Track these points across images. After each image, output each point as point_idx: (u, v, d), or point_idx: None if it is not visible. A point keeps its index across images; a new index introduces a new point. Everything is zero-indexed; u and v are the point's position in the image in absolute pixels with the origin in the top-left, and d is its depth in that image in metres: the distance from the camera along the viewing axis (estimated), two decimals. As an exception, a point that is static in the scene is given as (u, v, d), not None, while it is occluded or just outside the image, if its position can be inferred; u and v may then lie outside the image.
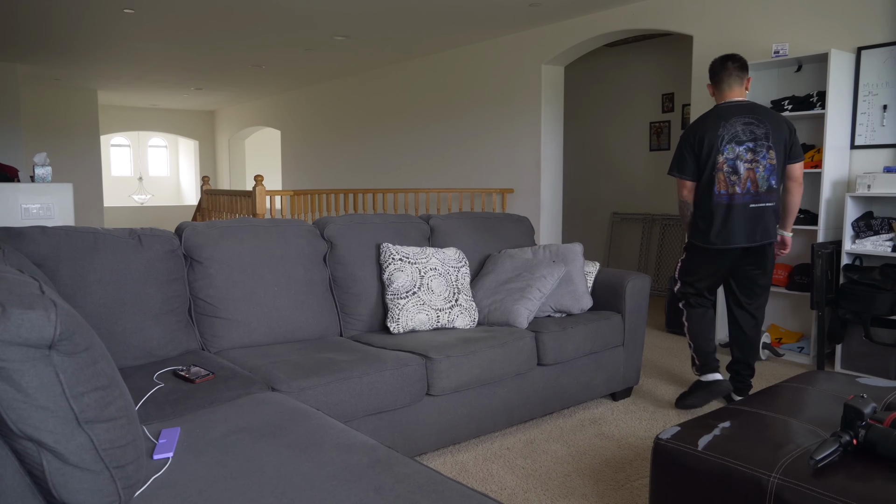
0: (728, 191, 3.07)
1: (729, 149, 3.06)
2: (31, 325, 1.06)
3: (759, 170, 3.05)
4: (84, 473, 1.14)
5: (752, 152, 3.05)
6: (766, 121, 3.07)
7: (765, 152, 3.05)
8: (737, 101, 3.14)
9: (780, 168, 3.08)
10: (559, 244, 3.39)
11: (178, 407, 1.94)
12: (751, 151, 3.05)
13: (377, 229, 3.11)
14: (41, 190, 3.78)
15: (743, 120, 3.08)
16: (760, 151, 3.05)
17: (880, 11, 3.90)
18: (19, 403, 1.07)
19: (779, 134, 3.06)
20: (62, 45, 7.01)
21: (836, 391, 2.12)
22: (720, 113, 3.12)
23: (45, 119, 9.89)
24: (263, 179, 5.69)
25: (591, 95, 7.33)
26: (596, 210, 7.36)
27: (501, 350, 2.72)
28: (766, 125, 3.06)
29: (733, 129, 3.07)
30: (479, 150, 6.96)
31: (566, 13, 5.63)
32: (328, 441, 1.59)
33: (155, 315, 2.40)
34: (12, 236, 2.22)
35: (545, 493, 2.37)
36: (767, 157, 3.04)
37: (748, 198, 3.06)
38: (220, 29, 6.26)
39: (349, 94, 9.02)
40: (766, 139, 3.05)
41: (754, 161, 3.05)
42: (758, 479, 1.60)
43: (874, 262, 3.80)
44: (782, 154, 3.08)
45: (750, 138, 3.06)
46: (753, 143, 3.05)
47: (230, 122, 12.62)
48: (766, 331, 4.35)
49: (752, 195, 3.06)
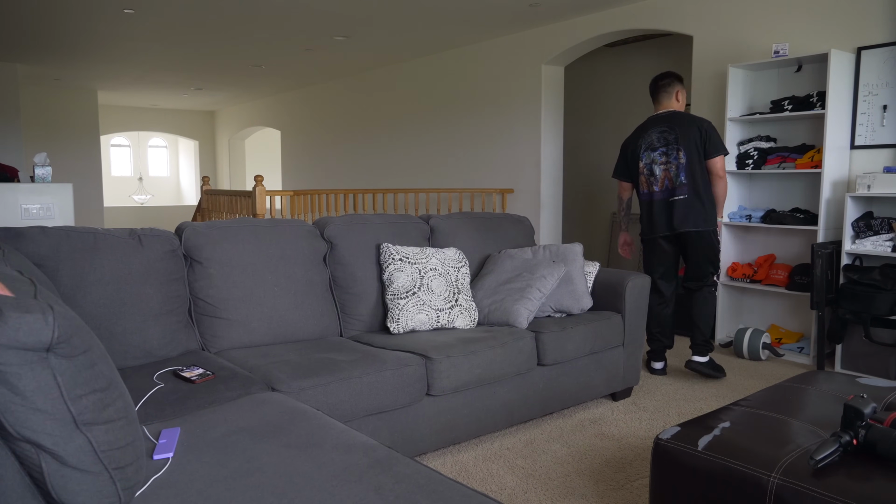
0: (648, 190, 3.70)
1: (646, 155, 3.70)
2: (29, 328, 1.06)
3: (672, 169, 3.61)
4: (83, 475, 1.14)
5: (665, 155, 3.64)
6: (677, 127, 3.61)
7: (675, 154, 3.60)
8: (659, 113, 3.74)
9: (692, 165, 3.58)
10: (559, 244, 3.39)
11: (178, 407, 1.94)
12: (664, 155, 3.64)
13: (377, 229, 3.11)
14: (41, 190, 3.78)
15: (658, 129, 3.67)
16: (672, 154, 3.61)
17: (880, 11, 3.90)
18: (17, 406, 1.07)
19: (688, 137, 3.58)
20: (62, 45, 7.01)
21: (836, 391, 2.12)
22: (643, 125, 3.76)
23: (45, 119, 9.89)
24: (263, 179, 5.69)
25: (591, 95, 7.33)
26: (596, 210, 7.36)
27: (501, 350, 2.72)
28: (675, 131, 3.61)
29: (650, 138, 3.69)
30: (479, 150, 6.96)
31: (566, 13, 5.63)
32: (328, 441, 1.59)
33: (155, 315, 2.40)
34: (12, 236, 2.22)
35: (545, 493, 2.37)
36: (678, 158, 3.59)
37: (666, 194, 3.65)
38: (220, 29, 6.26)
39: (349, 94, 9.02)
40: (676, 142, 3.60)
41: (668, 163, 3.63)
42: (758, 479, 1.60)
43: (874, 262, 3.79)
44: (694, 153, 3.58)
45: (662, 144, 3.65)
46: (665, 147, 3.63)
47: (230, 123, 12.63)
48: (767, 331, 4.35)
49: (668, 191, 3.64)
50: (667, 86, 3.71)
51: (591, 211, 7.40)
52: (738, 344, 4.16)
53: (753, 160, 4.25)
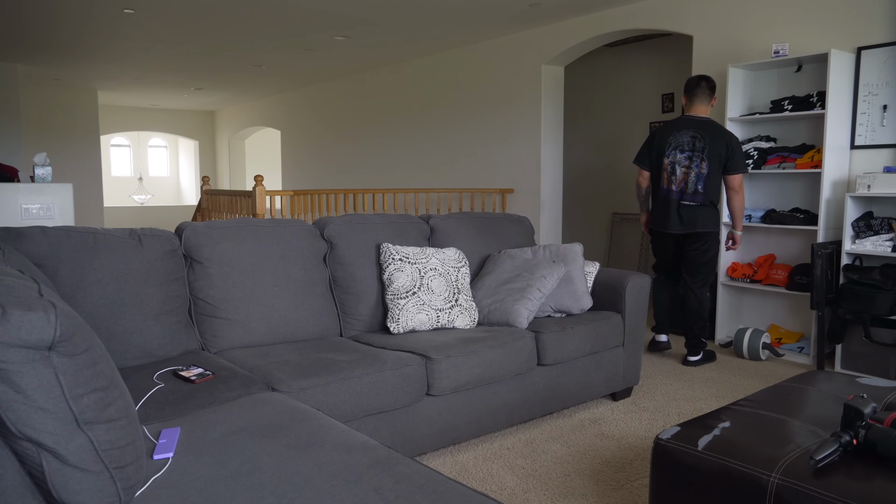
0: (667, 187, 3.88)
1: (672, 154, 3.85)
2: (31, 326, 1.06)
3: (692, 175, 3.79)
4: (84, 474, 1.14)
5: (689, 160, 3.80)
6: (707, 136, 3.77)
7: (699, 162, 3.77)
8: (694, 117, 3.87)
9: (712, 177, 3.78)
10: (559, 244, 3.39)
11: (178, 407, 1.95)
12: (689, 159, 3.80)
13: (377, 229, 3.11)
14: (41, 190, 3.78)
15: (690, 133, 3.81)
16: (695, 161, 3.78)
17: (880, 11, 3.90)
18: (19, 405, 1.07)
19: (714, 149, 3.75)
20: (62, 45, 7.01)
21: (836, 391, 2.12)
22: (678, 124, 3.89)
23: (45, 119, 9.89)
24: (263, 179, 5.69)
25: (591, 95, 7.33)
26: (596, 210, 7.36)
27: (501, 350, 2.72)
28: (705, 140, 3.76)
29: (681, 138, 3.83)
30: (479, 150, 6.96)
31: (566, 13, 5.64)
32: (328, 441, 1.59)
33: (155, 315, 2.40)
34: (12, 236, 2.22)
35: (545, 493, 2.37)
36: (700, 167, 3.77)
37: (678, 195, 3.84)
38: (220, 29, 6.26)
39: (349, 94, 9.03)
40: (703, 152, 3.76)
41: (689, 168, 3.80)
42: (758, 479, 1.60)
43: (874, 262, 3.79)
44: (716, 166, 3.77)
45: (690, 148, 3.80)
46: (692, 152, 3.79)
47: (230, 122, 12.63)
48: (767, 331, 4.35)
49: (682, 194, 3.83)
50: (707, 90, 3.86)
51: (591, 211, 7.40)
52: (738, 344, 4.16)
53: (753, 160, 4.25)
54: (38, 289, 1.16)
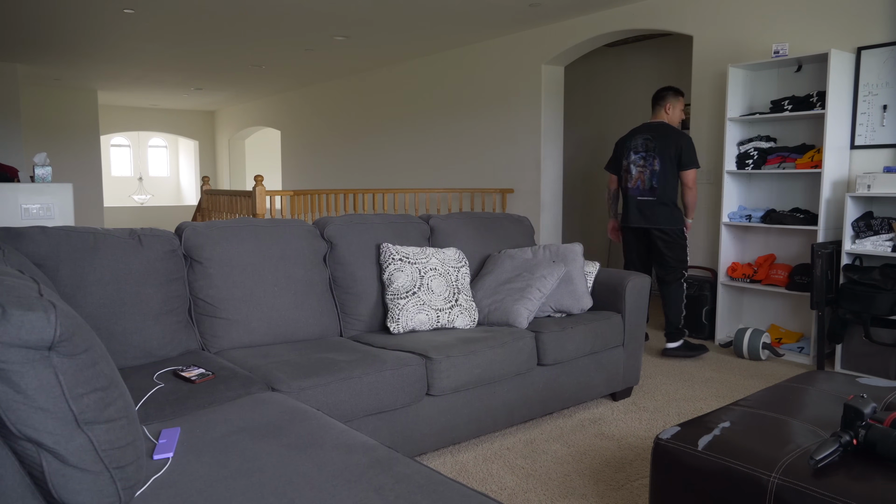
0: (628, 186, 4.24)
1: (629, 156, 4.23)
2: (31, 326, 1.06)
3: (647, 174, 4.15)
4: (84, 474, 1.14)
5: (643, 160, 4.16)
6: (659, 138, 4.12)
7: (651, 161, 4.12)
8: (650, 122, 4.25)
9: (666, 174, 4.09)
10: (559, 244, 3.39)
11: (178, 407, 1.94)
12: (643, 159, 4.16)
13: (377, 229, 3.11)
14: (41, 190, 3.78)
15: (644, 136, 4.18)
16: (649, 160, 4.13)
17: (880, 11, 3.90)
18: (19, 405, 1.07)
19: (665, 149, 4.08)
20: (62, 45, 7.01)
21: (836, 391, 2.12)
22: (636, 129, 4.27)
23: (45, 119, 9.89)
24: (263, 179, 5.69)
25: (591, 95, 7.33)
26: (596, 210, 7.36)
27: (501, 350, 2.72)
28: (657, 141, 4.11)
29: (636, 141, 4.21)
30: (479, 150, 6.96)
31: (566, 13, 5.64)
32: (328, 441, 1.59)
33: (155, 315, 2.40)
34: (12, 236, 2.22)
35: (545, 493, 2.37)
36: (653, 165, 4.12)
37: (636, 192, 4.20)
38: (220, 29, 6.26)
39: (349, 94, 9.03)
40: (654, 151, 4.12)
41: (644, 167, 4.16)
42: (758, 479, 1.60)
43: (874, 262, 3.79)
44: (668, 164, 4.08)
45: (643, 149, 4.17)
46: (645, 153, 4.16)
47: (230, 122, 12.63)
48: (767, 331, 4.35)
49: (640, 191, 4.18)
50: (660, 99, 4.25)
51: (591, 211, 7.40)
52: (738, 344, 4.16)
53: (753, 160, 4.25)
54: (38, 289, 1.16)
